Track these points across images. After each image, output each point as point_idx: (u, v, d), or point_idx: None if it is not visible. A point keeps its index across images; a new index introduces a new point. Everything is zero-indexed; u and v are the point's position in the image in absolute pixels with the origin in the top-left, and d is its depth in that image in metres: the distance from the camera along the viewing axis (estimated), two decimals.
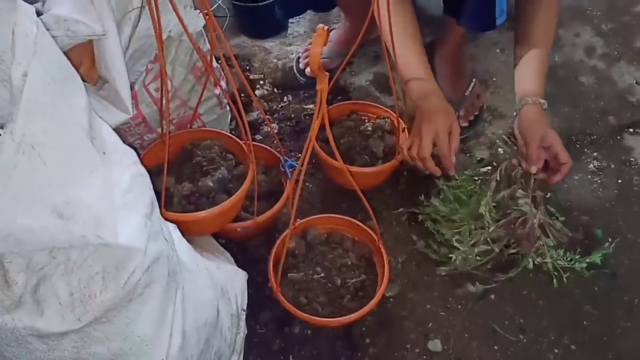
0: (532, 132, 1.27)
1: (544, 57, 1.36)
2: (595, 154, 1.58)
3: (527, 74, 1.35)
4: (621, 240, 1.37)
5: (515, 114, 1.33)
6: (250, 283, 1.22)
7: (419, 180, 1.50)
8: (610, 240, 1.36)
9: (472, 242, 1.28)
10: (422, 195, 1.40)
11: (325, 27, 0.81)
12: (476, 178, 1.41)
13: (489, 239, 1.29)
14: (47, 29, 0.79)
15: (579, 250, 1.32)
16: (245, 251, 1.35)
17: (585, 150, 1.59)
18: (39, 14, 0.88)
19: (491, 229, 1.28)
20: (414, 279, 1.33)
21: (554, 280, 1.29)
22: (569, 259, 1.30)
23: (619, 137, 1.61)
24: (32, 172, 0.66)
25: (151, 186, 0.84)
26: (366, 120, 1.47)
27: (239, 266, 1.23)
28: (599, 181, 1.51)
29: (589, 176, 1.52)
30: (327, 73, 0.89)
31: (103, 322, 0.74)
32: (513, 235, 1.29)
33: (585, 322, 1.27)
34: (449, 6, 1.57)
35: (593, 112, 1.67)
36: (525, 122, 1.29)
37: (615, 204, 1.46)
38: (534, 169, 1.25)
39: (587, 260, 1.30)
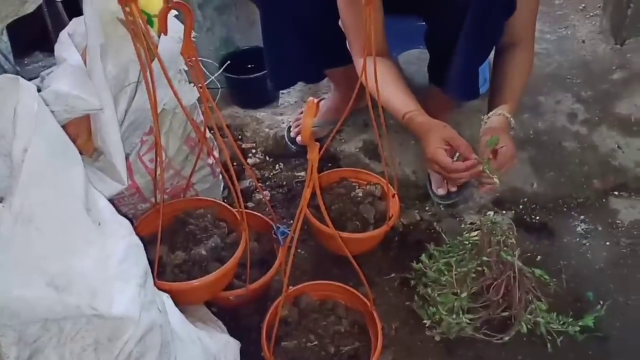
0: (489, 134, 1.34)
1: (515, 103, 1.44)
2: (582, 217, 1.60)
3: (500, 99, 1.44)
4: (612, 303, 1.37)
5: (482, 124, 1.41)
6: (243, 352, 1.21)
7: (410, 245, 1.51)
8: (601, 303, 1.37)
9: (460, 307, 1.29)
10: (414, 261, 1.41)
11: (316, 100, 0.84)
12: (466, 242, 1.43)
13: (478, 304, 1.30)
14: (47, 104, 0.82)
15: (571, 313, 1.33)
16: (238, 319, 1.34)
17: (573, 213, 1.61)
18: (37, 89, 0.92)
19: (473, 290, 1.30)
20: (407, 345, 1.32)
21: (548, 345, 1.29)
22: (561, 322, 1.30)
23: (604, 200, 1.65)
24: (29, 244, 0.68)
25: (145, 256, 0.85)
26: (356, 187, 1.49)
27: (231, 335, 1.22)
28: (588, 244, 1.53)
29: (577, 239, 1.54)
30: (318, 143, 0.92)
31: None
32: (504, 299, 1.29)
33: None
34: (434, 76, 1.64)
35: (578, 176, 1.70)
36: (487, 128, 1.38)
37: (604, 266, 1.48)
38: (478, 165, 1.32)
39: (580, 323, 1.30)
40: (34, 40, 1.68)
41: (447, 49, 1.40)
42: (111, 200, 0.93)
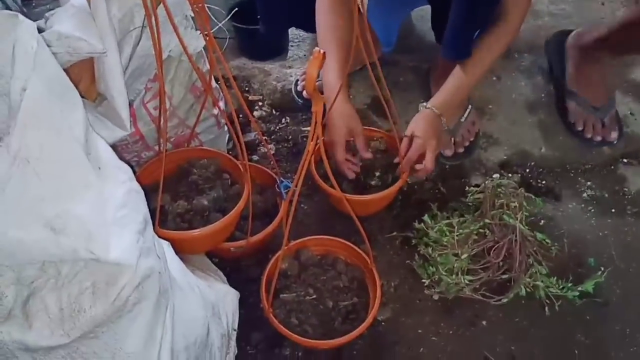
0: (410, 127, 1.40)
1: (461, 82, 1.43)
2: (589, 183, 1.58)
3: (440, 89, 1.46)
4: (613, 269, 1.37)
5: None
6: (242, 303, 1.22)
7: (413, 204, 1.50)
8: (602, 269, 1.37)
9: (460, 268, 1.29)
10: (416, 220, 1.41)
11: (322, 51, 0.82)
12: (470, 204, 1.42)
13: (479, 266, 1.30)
14: (49, 46, 0.80)
15: (571, 278, 1.33)
16: (238, 271, 1.35)
17: (580, 179, 1.59)
18: (41, 30, 0.90)
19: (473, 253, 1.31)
20: (406, 303, 1.33)
21: (546, 308, 1.29)
22: (561, 286, 1.30)
23: (612, 167, 1.62)
24: (26, 185, 0.67)
25: (145, 203, 0.84)
26: None
27: (231, 285, 1.23)
28: (593, 210, 1.52)
29: (583, 205, 1.53)
30: (323, 95, 0.90)
31: (91, 338, 0.74)
32: (505, 261, 1.29)
33: (576, 351, 1.26)
34: (436, 34, 1.59)
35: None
36: (413, 121, 1.42)
37: (608, 233, 1.46)
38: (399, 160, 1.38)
39: (580, 288, 1.30)
40: None
41: (443, 4, 1.35)
42: (115, 147, 0.92)
